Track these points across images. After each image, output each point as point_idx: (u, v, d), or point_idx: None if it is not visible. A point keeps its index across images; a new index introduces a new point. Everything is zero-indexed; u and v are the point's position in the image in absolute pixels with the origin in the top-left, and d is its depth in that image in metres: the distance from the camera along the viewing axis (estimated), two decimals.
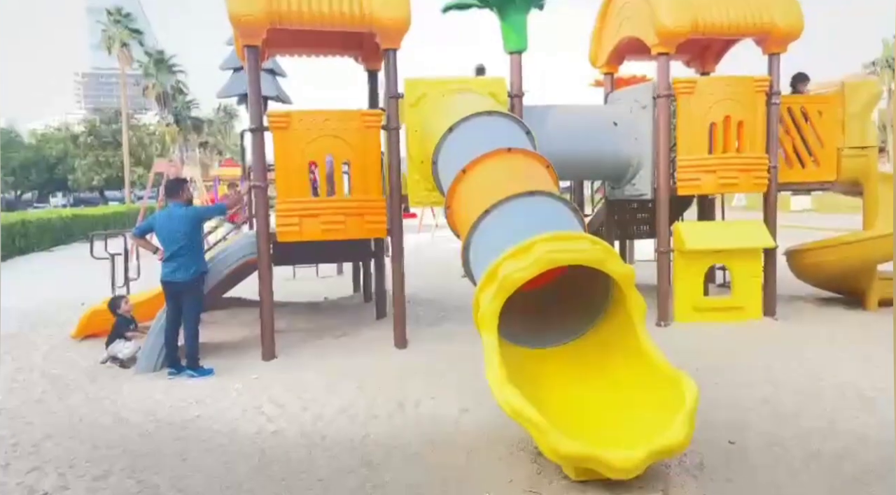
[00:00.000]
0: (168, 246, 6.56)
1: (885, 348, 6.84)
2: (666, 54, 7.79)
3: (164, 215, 6.77)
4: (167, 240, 6.58)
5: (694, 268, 7.91)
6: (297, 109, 7.40)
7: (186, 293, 6.63)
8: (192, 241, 6.62)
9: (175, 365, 6.62)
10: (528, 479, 4.15)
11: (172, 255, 6.54)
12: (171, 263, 6.56)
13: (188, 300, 6.66)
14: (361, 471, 4.33)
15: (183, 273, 6.56)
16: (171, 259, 6.56)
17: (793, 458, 4.35)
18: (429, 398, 5.70)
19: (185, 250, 6.54)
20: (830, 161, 8.55)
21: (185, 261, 6.55)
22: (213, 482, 4.23)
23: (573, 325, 5.16)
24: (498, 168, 5.50)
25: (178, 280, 6.57)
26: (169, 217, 6.66)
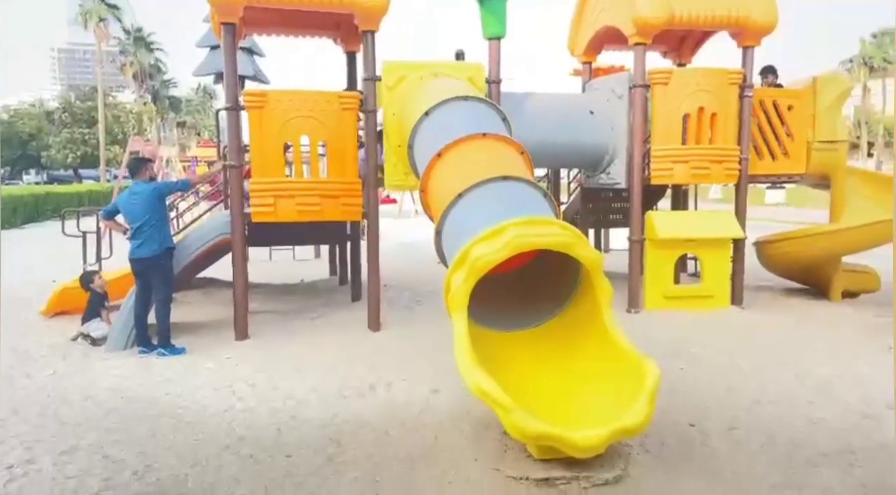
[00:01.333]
0: (131, 223, 6.59)
1: (844, 337, 7.06)
2: (643, 45, 7.86)
3: (127, 193, 6.81)
4: (130, 218, 6.61)
5: (665, 256, 8.04)
6: (274, 89, 7.37)
7: (153, 269, 6.63)
8: (154, 217, 6.59)
9: (146, 343, 6.62)
10: (494, 457, 4.24)
11: (136, 232, 6.57)
12: (136, 240, 6.59)
13: (156, 277, 6.66)
14: (329, 449, 4.40)
15: (146, 248, 6.56)
16: (135, 236, 6.58)
17: (750, 442, 4.49)
18: (400, 379, 5.77)
19: (147, 226, 6.54)
20: (800, 154, 8.72)
21: (148, 236, 6.55)
22: (182, 458, 4.26)
23: (543, 309, 5.24)
24: (472, 153, 5.53)
25: (143, 256, 6.57)
26: (131, 194, 6.70)
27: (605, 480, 3.92)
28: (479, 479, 4.03)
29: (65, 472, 4.05)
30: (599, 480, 3.92)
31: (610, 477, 3.94)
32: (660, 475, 4.05)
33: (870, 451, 4.28)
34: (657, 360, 6.10)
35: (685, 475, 4.05)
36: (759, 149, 8.64)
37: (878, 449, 4.30)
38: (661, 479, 4.00)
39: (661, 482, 3.97)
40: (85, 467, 4.13)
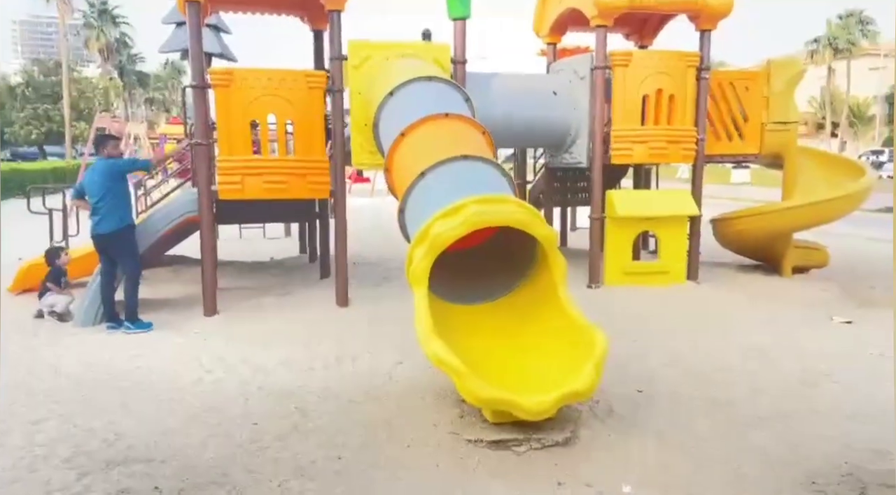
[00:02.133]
0: (91, 199, 6.67)
1: (790, 311, 7.43)
2: (604, 27, 8.06)
3: (89, 171, 6.87)
4: (90, 194, 6.69)
5: (624, 233, 8.33)
6: (241, 67, 7.43)
7: (114, 245, 6.71)
8: (111, 193, 6.62)
9: (114, 319, 6.71)
10: (451, 422, 4.47)
11: (94, 208, 6.64)
12: (95, 216, 6.66)
13: (119, 253, 6.75)
14: (294, 417, 4.59)
15: (105, 225, 6.61)
16: (94, 212, 6.66)
17: (693, 407, 4.79)
18: (366, 352, 5.97)
19: (104, 202, 6.59)
20: (755, 135, 9.04)
21: (105, 212, 6.60)
22: (150, 427, 4.41)
23: (503, 283, 5.47)
24: (435, 132, 5.70)
25: (102, 232, 6.64)
26: (91, 171, 6.78)
27: (555, 442, 4.18)
28: (437, 443, 4.26)
29: (34, 441, 4.17)
30: (550, 442, 4.18)
31: (560, 439, 4.20)
32: (607, 436, 4.33)
33: (804, 415, 4.61)
34: (612, 333, 6.39)
35: (631, 436, 4.33)
36: (716, 131, 8.94)
37: (810, 413, 4.63)
38: (607, 440, 4.28)
39: (608, 442, 4.25)
40: (55, 436, 4.25)
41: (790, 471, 3.77)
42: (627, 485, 3.75)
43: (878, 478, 3.60)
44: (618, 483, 3.78)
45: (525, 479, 3.87)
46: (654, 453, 4.11)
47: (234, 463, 3.89)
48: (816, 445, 4.10)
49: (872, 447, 4.01)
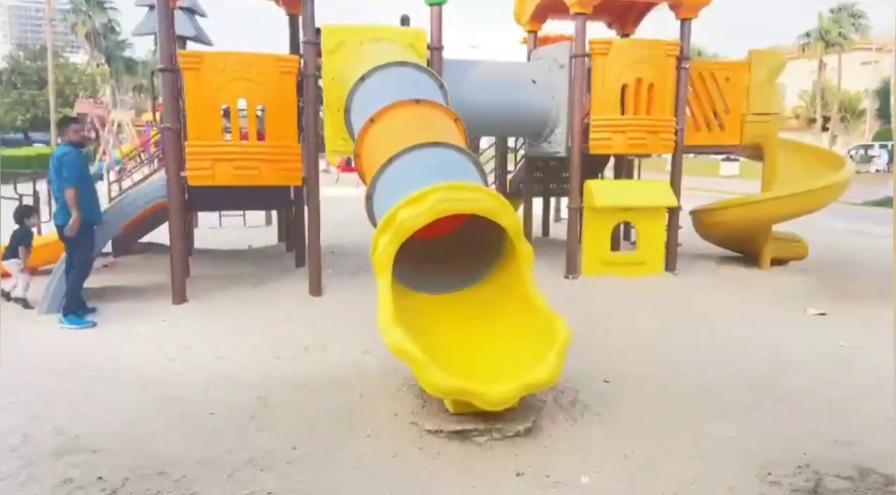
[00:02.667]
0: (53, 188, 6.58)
1: (764, 301, 7.41)
2: (583, 14, 7.97)
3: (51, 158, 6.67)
4: (52, 182, 6.59)
5: (602, 224, 8.26)
6: (211, 51, 7.30)
7: (66, 238, 6.45)
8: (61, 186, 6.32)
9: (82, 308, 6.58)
10: (412, 413, 4.41)
11: (55, 198, 6.53)
12: (56, 206, 6.52)
13: (72, 246, 6.50)
14: (255, 407, 4.51)
15: (60, 216, 6.41)
16: (56, 201, 6.53)
17: (662, 397, 4.75)
18: (335, 342, 5.90)
19: (59, 193, 6.36)
20: (735, 126, 8.99)
21: (61, 203, 6.38)
22: (110, 416, 4.32)
23: (473, 272, 5.40)
24: (405, 118, 5.60)
25: (57, 223, 6.48)
26: (51, 159, 6.59)
27: (516, 432, 4.13)
28: (397, 433, 4.20)
29: None
30: (511, 432, 4.13)
31: (521, 429, 4.15)
32: (568, 426, 4.28)
33: (767, 401, 4.59)
34: (583, 323, 6.39)
35: (593, 426, 4.29)
36: (696, 121, 8.88)
37: (773, 399, 4.60)
38: (570, 430, 4.23)
39: (570, 432, 4.20)
40: (9, 425, 4.16)
41: (749, 462, 3.74)
42: (586, 476, 3.71)
43: (835, 470, 3.57)
44: (577, 473, 3.74)
45: (484, 470, 3.82)
46: (615, 443, 4.07)
47: (186, 454, 3.81)
48: (778, 436, 4.07)
49: (833, 438, 3.99)
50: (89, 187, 6.52)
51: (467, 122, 7.85)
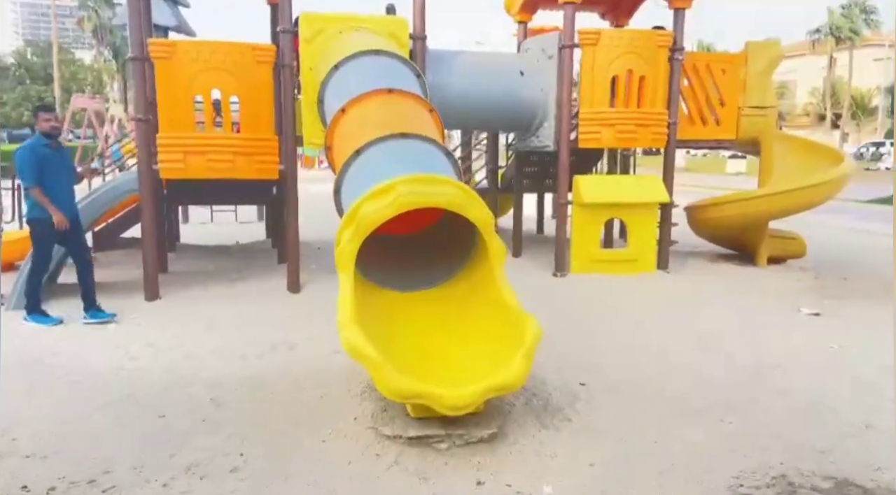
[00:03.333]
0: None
1: (758, 300, 7.16)
2: (572, 3, 7.71)
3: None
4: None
5: (591, 220, 8.02)
6: (183, 39, 7.09)
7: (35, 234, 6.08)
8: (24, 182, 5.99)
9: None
10: (372, 416, 4.18)
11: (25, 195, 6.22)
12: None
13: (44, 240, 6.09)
14: (207, 409, 4.30)
15: (28, 212, 6.10)
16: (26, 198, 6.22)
17: (635, 399, 4.51)
18: (306, 340, 5.70)
19: (26, 188, 6.01)
20: (731, 120, 8.72)
21: (27, 200, 6.08)
22: (49, 417, 4.10)
23: (448, 269, 5.18)
24: (376, 109, 5.39)
25: (27, 219, 6.20)
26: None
27: (479, 438, 3.89)
28: (354, 437, 3.97)
29: None
30: (474, 438, 3.89)
31: (485, 435, 3.91)
32: (536, 432, 4.04)
33: (744, 405, 4.35)
34: (566, 322, 6.15)
35: (562, 431, 4.05)
36: (690, 115, 8.61)
37: (750, 403, 4.36)
38: (537, 436, 3.99)
39: (537, 438, 3.96)
40: None
41: (720, 469, 3.50)
42: (548, 486, 3.48)
43: (811, 481, 3.32)
44: (541, 482, 3.50)
45: (443, 478, 3.59)
46: (584, 450, 3.83)
47: (124, 459, 3.59)
48: (753, 442, 3.82)
49: (811, 446, 3.74)
50: (56, 182, 5.94)
51: (452, 116, 7.67)
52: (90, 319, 6.11)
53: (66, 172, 6.14)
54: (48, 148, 5.94)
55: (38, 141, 5.96)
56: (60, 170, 6.03)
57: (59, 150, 6.06)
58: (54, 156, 5.96)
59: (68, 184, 6.13)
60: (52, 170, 5.91)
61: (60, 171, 6.03)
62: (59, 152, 6.05)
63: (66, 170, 6.14)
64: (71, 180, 6.20)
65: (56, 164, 5.97)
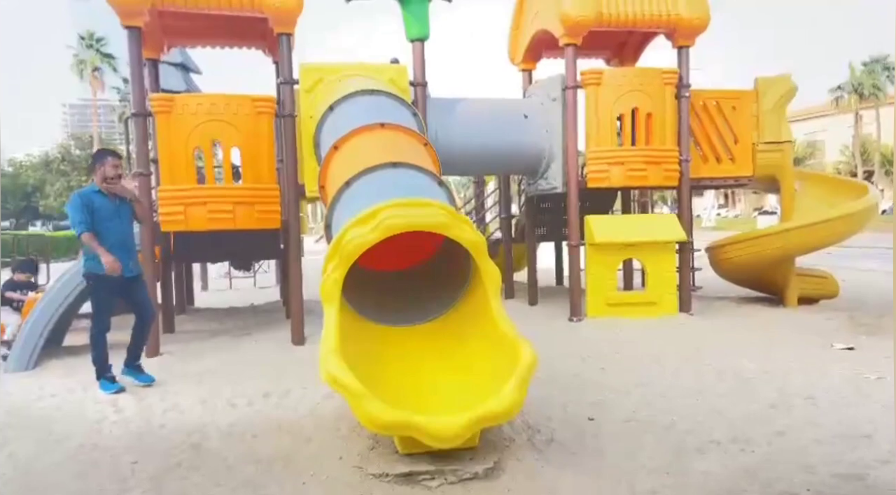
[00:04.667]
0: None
1: (785, 339, 6.70)
2: (573, 45, 7.68)
3: None
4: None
5: (605, 261, 7.71)
6: (183, 94, 7.19)
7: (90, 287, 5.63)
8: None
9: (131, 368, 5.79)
10: (359, 456, 3.86)
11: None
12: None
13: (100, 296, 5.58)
14: (184, 454, 4.01)
15: (84, 265, 5.58)
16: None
17: (644, 433, 4.11)
18: (300, 388, 5.41)
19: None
20: (746, 156, 8.46)
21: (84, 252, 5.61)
22: (19, 466, 3.87)
23: (442, 303, 4.93)
24: (368, 143, 5.29)
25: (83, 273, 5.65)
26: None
27: (473, 474, 3.54)
28: (337, 478, 3.65)
29: None
30: (467, 474, 3.54)
31: (480, 471, 3.56)
32: (538, 468, 3.67)
33: (764, 438, 3.91)
34: (578, 362, 5.79)
35: (565, 467, 3.67)
36: (703, 152, 8.40)
37: (773, 436, 3.92)
38: (537, 472, 3.62)
39: (537, 474, 3.59)
40: None
41: None
42: None
43: None
44: None
45: None
46: (587, 486, 3.44)
47: None
48: (776, 470, 3.40)
49: (843, 474, 3.30)
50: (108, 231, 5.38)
51: (457, 161, 7.59)
52: (127, 376, 5.65)
53: (122, 221, 5.52)
54: (101, 195, 5.41)
55: (91, 188, 5.50)
56: (114, 218, 5.44)
57: (116, 199, 5.47)
58: (108, 205, 5.41)
59: (122, 234, 5.51)
60: (104, 219, 5.36)
61: (113, 219, 5.44)
62: (115, 201, 5.47)
63: (122, 219, 5.53)
64: (125, 229, 5.57)
65: (109, 213, 5.40)
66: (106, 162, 5.42)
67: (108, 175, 5.39)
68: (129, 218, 5.63)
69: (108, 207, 5.42)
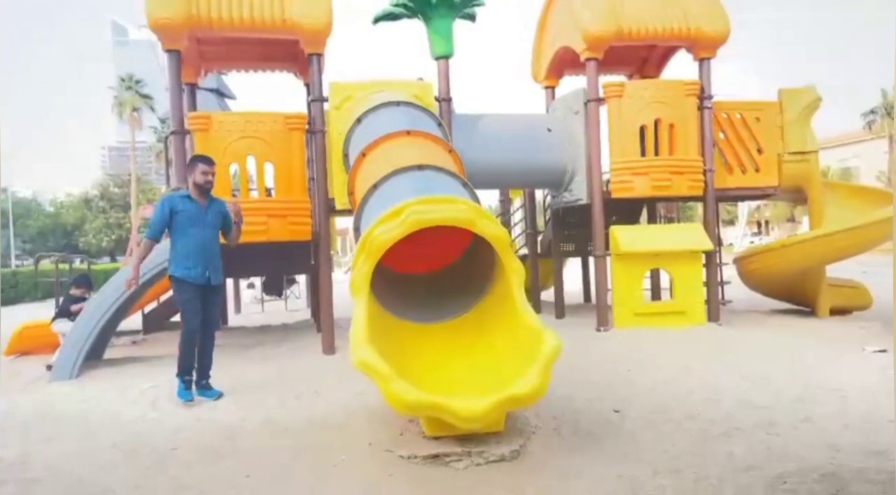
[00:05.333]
0: None
1: (814, 345, 6.66)
2: (594, 59, 7.85)
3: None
4: None
5: (631, 272, 7.73)
6: (219, 112, 7.50)
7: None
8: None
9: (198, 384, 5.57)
10: (389, 441, 3.98)
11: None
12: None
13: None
14: (217, 443, 4.17)
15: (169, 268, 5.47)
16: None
17: (668, 423, 4.16)
18: (331, 389, 5.54)
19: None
20: (771, 167, 8.48)
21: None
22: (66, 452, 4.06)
23: (470, 300, 5.05)
24: (395, 149, 5.48)
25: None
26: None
27: (499, 456, 3.63)
28: (367, 461, 3.76)
29: None
30: (493, 456, 3.63)
31: (506, 453, 3.65)
32: (563, 452, 3.75)
33: (791, 424, 3.92)
34: (606, 365, 5.83)
35: (589, 451, 3.74)
36: (728, 163, 8.44)
37: (800, 422, 3.93)
38: (562, 455, 3.70)
39: (562, 457, 3.67)
40: None
41: (761, 471, 3.10)
42: None
43: (865, 476, 2.90)
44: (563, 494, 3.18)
45: None
46: (611, 465, 3.49)
47: (123, 482, 3.47)
48: (802, 449, 3.41)
49: (868, 449, 3.30)
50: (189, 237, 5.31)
51: (482, 176, 7.73)
52: (198, 395, 5.40)
53: (205, 229, 5.40)
54: (189, 200, 5.36)
55: (182, 192, 5.51)
56: (197, 224, 5.34)
57: (204, 206, 5.41)
58: (194, 210, 5.35)
59: (205, 242, 5.38)
60: (186, 224, 5.30)
61: (196, 226, 5.34)
62: (203, 207, 5.40)
63: (206, 227, 5.41)
64: (208, 237, 5.42)
65: (193, 218, 5.32)
66: (196, 168, 5.37)
67: (197, 181, 5.35)
68: (215, 227, 5.50)
69: (193, 213, 5.34)
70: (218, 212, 5.54)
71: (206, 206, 5.43)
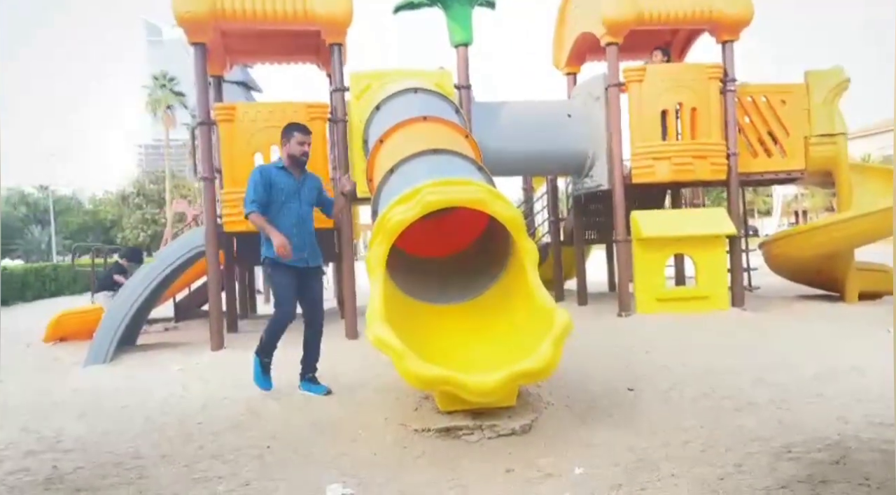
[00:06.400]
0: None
1: (836, 328, 6.60)
2: (615, 44, 7.83)
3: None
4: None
5: (653, 257, 7.71)
6: (243, 103, 7.66)
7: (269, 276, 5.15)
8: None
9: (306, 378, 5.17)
10: (403, 416, 4.09)
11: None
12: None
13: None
14: (242, 417, 4.34)
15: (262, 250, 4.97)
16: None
17: (682, 399, 4.20)
18: (352, 371, 5.69)
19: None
20: (797, 150, 8.36)
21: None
22: (99, 426, 4.25)
23: (484, 282, 5.13)
24: (412, 134, 5.55)
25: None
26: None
27: (511, 430, 3.71)
28: (383, 434, 3.88)
29: None
30: (505, 430, 3.71)
31: (517, 427, 3.73)
32: (574, 427, 3.81)
33: (804, 399, 3.93)
34: (624, 348, 5.86)
35: (601, 427, 3.79)
36: (752, 147, 8.35)
37: (813, 397, 3.93)
38: (573, 430, 3.76)
39: (573, 432, 3.73)
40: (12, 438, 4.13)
41: (767, 441, 3.13)
42: (580, 467, 3.21)
43: (870, 445, 2.91)
44: (572, 466, 3.25)
45: (471, 468, 3.40)
46: (622, 437, 3.55)
47: (153, 450, 3.64)
48: (810, 421, 3.43)
49: (877, 422, 3.31)
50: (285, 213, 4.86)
51: (503, 163, 7.78)
52: (303, 390, 5.01)
53: (302, 203, 4.95)
54: (285, 172, 4.91)
55: (275, 163, 5.05)
56: (293, 199, 4.89)
57: (299, 179, 4.96)
58: (290, 183, 4.89)
59: (301, 217, 4.94)
60: (283, 198, 4.84)
61: (293, 201, 4.89)
62: (299, 181, 4.95)
63: (303, 202, 4.96)
64: (305, 213, 4.98)
65: (290, 192, 4.87)
66: (292, 137, 4.87)
67: (293, 152, 4.87)
68: (310, 204, 5.03)
69: (289, 186, 4.86)
70: (313, 186, 5.05)
71: (301, 180, 4.95)
